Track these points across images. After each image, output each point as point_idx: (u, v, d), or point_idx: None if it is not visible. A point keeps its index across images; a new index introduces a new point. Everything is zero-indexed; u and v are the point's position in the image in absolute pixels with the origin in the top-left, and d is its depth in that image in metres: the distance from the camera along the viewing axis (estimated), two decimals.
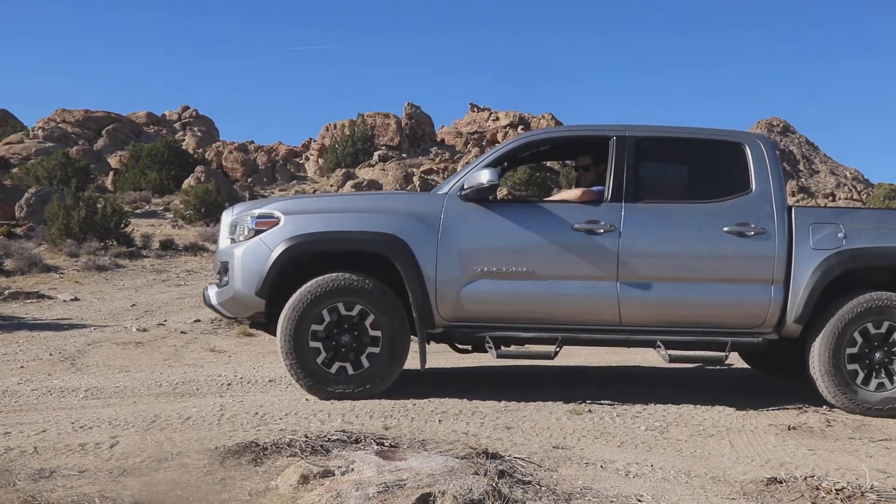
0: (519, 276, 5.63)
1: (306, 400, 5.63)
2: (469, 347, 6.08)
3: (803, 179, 49.15)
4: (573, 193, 6.04)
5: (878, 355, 5.66)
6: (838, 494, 3.59)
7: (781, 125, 55.66)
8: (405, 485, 3.36)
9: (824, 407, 5.74)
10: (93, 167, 38.17)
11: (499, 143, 47.82)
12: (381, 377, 5.58)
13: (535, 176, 32.35)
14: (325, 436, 4.30)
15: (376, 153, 42.98)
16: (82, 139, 46.96)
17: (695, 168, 6.23)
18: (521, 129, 48.77)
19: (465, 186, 5.68)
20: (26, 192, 25.33)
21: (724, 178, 6.05)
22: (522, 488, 3.51)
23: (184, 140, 47.61)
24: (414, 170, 39.80)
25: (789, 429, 5.14)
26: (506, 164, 6.62)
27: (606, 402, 5.76)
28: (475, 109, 52.61)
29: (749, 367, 8.04)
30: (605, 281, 5.67)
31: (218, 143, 46.18)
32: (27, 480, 3.66)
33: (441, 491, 3.26)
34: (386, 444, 4.21)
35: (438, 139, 49.17)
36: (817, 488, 3.68)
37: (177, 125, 53.49)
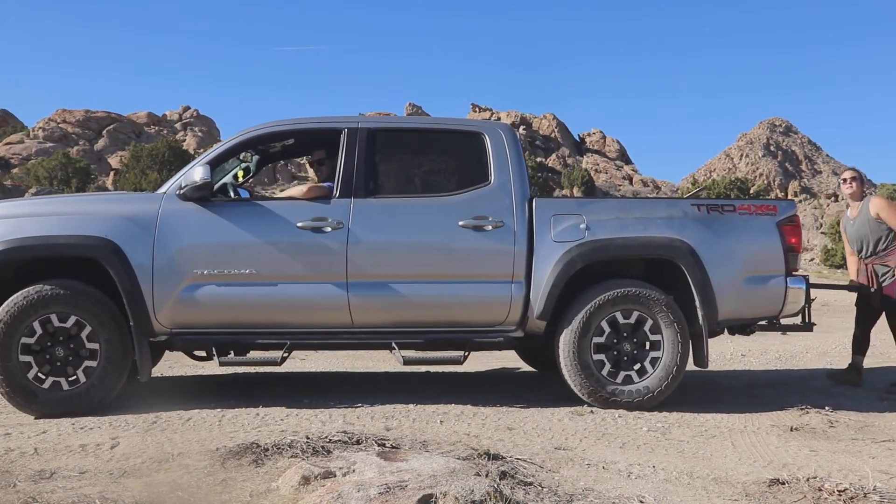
0: (242, 279, 5.30)
1: (307, 401, 5.63)
2: (206, 354, 5.69)
3: (805, 180, 49.15)
4: (299, 190, 5.69)
5: (626, 347, 5.51)
6: (841, 496, 3.57)
7: (784, 125, 55.65)
8: (406, 486, 3.35)
9: (826, 408, 5.73)
10: (93, 167, 38.22)
11: None
12: (99, 391, 5.19)
13: (536, 176, 32.35)
14: (326, 437, 4.29)
15: None
16: (83, 139, 47.02)
17: (432, 161, 6.05)
18: (523, 129, 48.78)
19: (183, 185, 5.34)
20: (27, 193, 25.38)
21: (463, 171, 5.85)
22: (524, 489, 3.50)
23: (184, 140, 47.65)
24: None
25: (792, 430, 5.12)
26: (254, 158, 6.41)
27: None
28: (477, 109, 52.67)
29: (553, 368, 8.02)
30: (333, 281, 5.36)
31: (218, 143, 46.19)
32: (28, 481, 3.65)
33: (442, 492, 3.25)
34: (387, 444, 4.20)
35: None
36: (820, 489, 3.67)
37: (177, 125, 53.56)
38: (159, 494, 3.54)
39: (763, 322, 6.06)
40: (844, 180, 7.13)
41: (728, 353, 10.28)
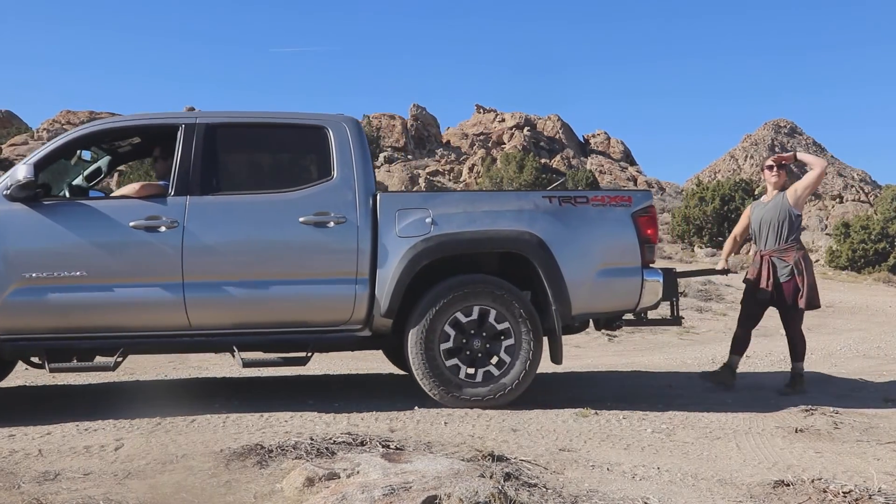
0: (74, 282, 5.06)
1: (311, 402, 5.63)
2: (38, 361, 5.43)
3: None
4: (132, 188, 5.43)
5: (476, 343, 5.40)
6: (846, 497, 3.56)
7: (788, 126, 55.56)
8: (411, 487, 3.35)
9: (832, 409, 5.71)
10: None
11: (504, 144, 47.94)
12: None
13: (541, 177, 32.34)
14: (330, 438, 4.29)
15: (382, 154, 43.02)
16: None
17: (275, 156, 5.87)
18: (527, 130, 48.77)
19: (9, 185, 5.09)
20: None
21: (306, 166, 5.72)
22: (528, 491, 3.50)
23: None
24: (420, 171, 39.82)
25: (796, 431, 5.11)
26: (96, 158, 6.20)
27: (612, 404, 5.74)
28: (481, 111, 52.62)
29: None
30: (168, 282, 5.15)
31: None
32: (32, 483, 3.66)
33: (447, 493, 3.25)
34: (391, 446, 4.20)
35: (444, 140, 49.18)
36: (825, 491, 3.66)
37: None
38: (163, 496, 3.54)
39: (630, 316, 6.00)
40: (770, 167, 6.85)
41: None
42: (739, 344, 6.95)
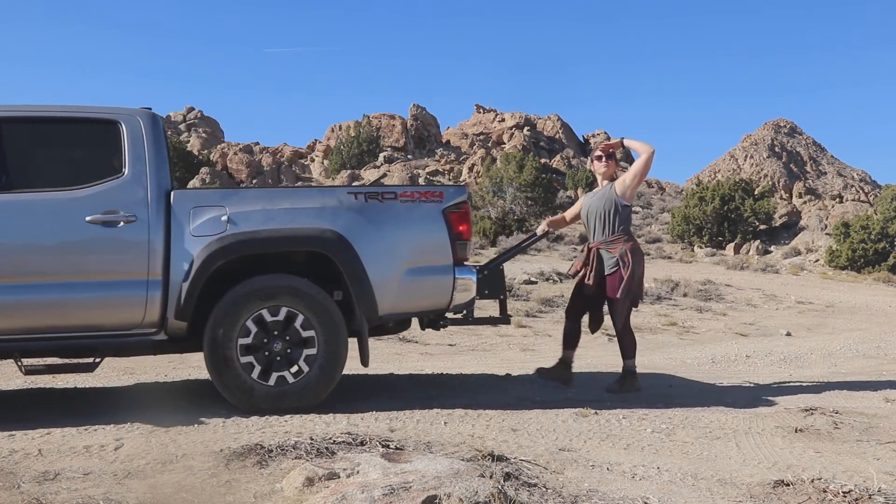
0: None
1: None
2: None
3: (810, 181, 49.04)
4: None
5: (277, 346, 5.14)
6: (846, 497, 3.56)
7: (788, 126, 55.54)
8: (410, 487, 3.35)
9: (832, 409, 5.72)
10: None
11: (504, 143, 47.90)
12: None
13: (540, 177, 32.33)
14: (330, 438, 4.29)
15: (382, 154, 43.05)
16: None
17: (63, 152, 5.58)
18: (527, 130, 48.78)
19: None
20: None
21: (96, 162, 5.38)
22: (528, 491, 3.50)
23: (189, 141, 47.70)
24: (419, 171, 39.83)
25: (796, 431, 5.11)
26: None
27: (612, 404, 5.74)
28: (481, 110, 52.65)
29: None
30: None
31: (223, 145, 46.28)
32: (32, 483, 3.66)
33: (447, 493, 3.25)
34: (391, 446, 4.20)
35: (444, 140, 49.20)
36: (825, 491, 3.66)
37: (181, 126, 53.59)
38: (163, 496, 3.54)
39: (456, 315, 5.86)
40: (599, 157, 6.65)
41: (732, 355, 10.27)
42: (570, 338, 6.73)
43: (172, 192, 5.24)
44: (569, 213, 7.02)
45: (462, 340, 11.13)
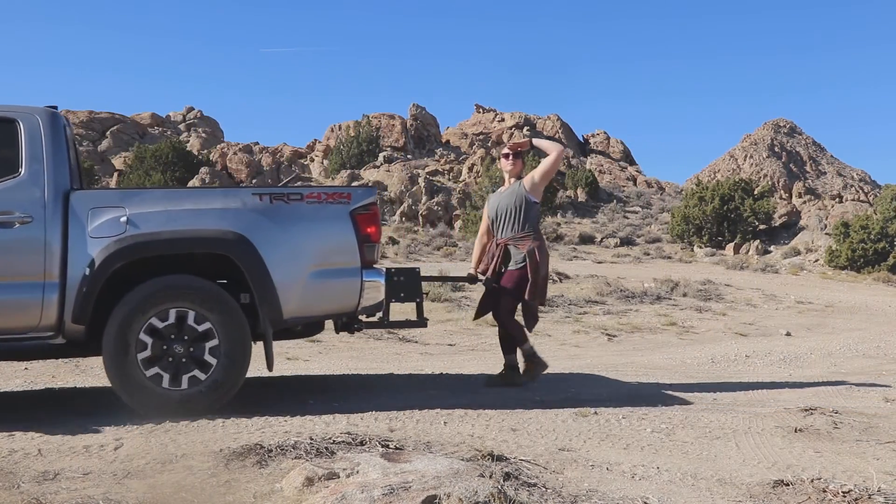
0: None
1: (311, 402, 5.63)
2: None
3: (810, 181, 49.05)
4: None
5: (178, 349, 4.99)
6: (845, 497, 3.56)
7: (788, 126, 55.54)
8: (410, 487, 3.35)
9: (831, 409, 5.72)
10: (97, 168, 38.27)
11: (504, 143, 47.95)
12: None
13: None
14: (329, 438, 4.29)
15: (381, 154, 43.04)
16: (86, 140, 47.07)
17: None
18: (527, 129, 48.77)
19: None
20: None
21: None
22: (528, 490, 3.50)
23: (188, 141, 47.72)
24: (419, 171, 39.83)
25: (796, 431, 5.11)
26: None
27: (612, 403, 5.74)
28: (481, 110, 52.66)
29: None
30: None
31: (223, 144, 46.28)
32: (31, 482, 3.66)
33: (446, 493, 3.25)
34: (391, 446, 4.20)
35: (444, 140, 49.21)
36: (824, 491, 3.66)
37: (181, 126, 53.61)
38: (163, 496, 3.54)
39: (371, 318, 5.78)
40: (506, 155, 6.60)
41: (732, 354, 10.28)
42: (508, 341, 6.66)
43: (71, 193, 5.13)
44: (482, 230, 6.86)
45: (462, 340, 11.13)
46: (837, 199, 41.33)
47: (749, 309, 16.23)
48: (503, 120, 50.84)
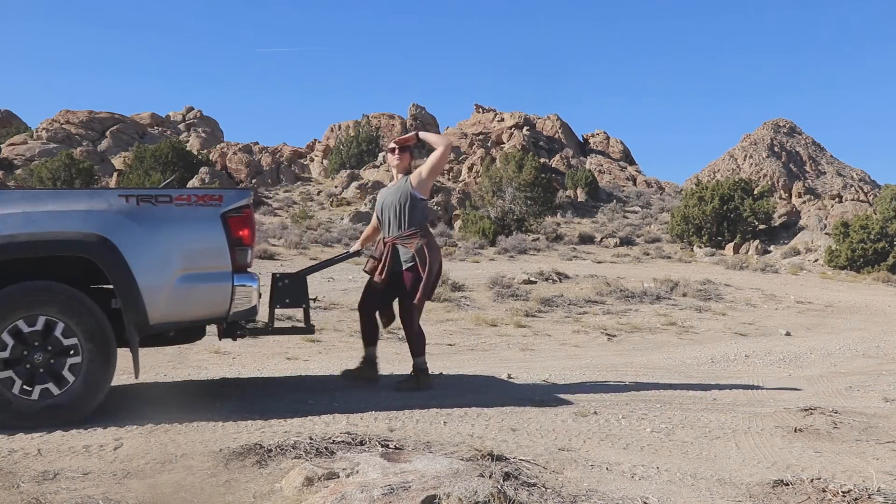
0: None
1: (311, 402, 5.63)
2: None
3: (810, 180, 49.06)
4: None
5: (38, 357, 4.73)
6: (845, 497, 3.56)
7: (788, 126, 55.55)
8: (410, 487, 3.35)
9: (831, 409, 5.72)
10: (97, 168, 38.29)
11: (503, 143, 47.93)
12: None
13: (540, 177, 32.32)
14: (329, 438, 4.29)
15: (381, 154, 43.04)
16: (86, 140, 47.09)
17: None
18: (527, 129, 48.77)
19: None
20: None
21: None
22: (528, 490, 3.50)
23: (188, 141, 47.74)
24: None
25: (796, 431, 5.11)
26: None
27: (611, 403, 5.74)
28: (480, 110, 52.68)
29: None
30: None
31: (222, 144, 46.30)
32: (31, 482, 3.65)
33: (446, 493, 3.25)
34: (391, 445, 4.20)
35: None
36: (824, 490, 3.66)
37: (181, 126, 53.64)
38: (163, 495, 3.54)
39: (256, 324, 5.63)
40: (393, 150, 6.42)
41: (732, 354, 10.27)
42: (369, 335, 6.48)
43: None
44: (374, 220, 6.68)
45: (462, 340, 11.13)
46: (837, 199, 41.33)
47: (749, 309, 16.23)
48: (503, 120, 50.84)
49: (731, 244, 30.68)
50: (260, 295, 5.53)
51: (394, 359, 8.79)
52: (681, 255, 28.94)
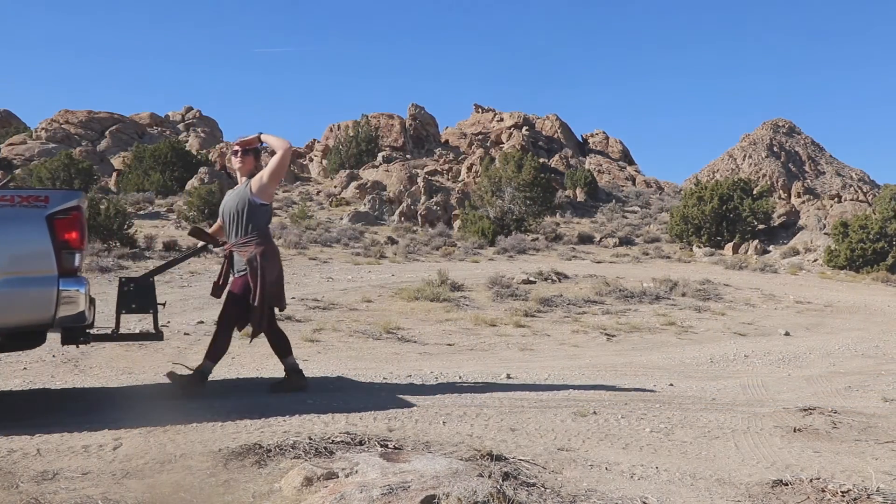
0: None
1: (310, 402, 5.63)
2: None
3: (809, 180, 49.05)
4: None
5: None
6: (844, 497, 3.57)
7: (787, 126, 55.53)
8: (409, 487, 3.35)
9: (830, 409, 5.72)
10: (96, 168, 38.25)
11: (503, 143, 47.93)
12: None
13: (539, 177, 32.32)
14: (328, 437, 4.29)
15: (380, 154, 43.05)
16: (85, 140, 47.07)
17: None
18: (526, 129, 48.75)
19: None
20: None
21: None
22: (527, 490, 3.50)
23: (187, 141, 47.70)
24: (418, 171, 39.82)
25: (795, 430, 5.11)
26: None
27: (611, 403, 5.74)
28: (480, 110, 52.65)
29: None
30: None
31: (221, 144, 46.27)
32: (30, 482, 3.65)
33: (445, 493, 3.25)
34: (390, 445, 4.19)
35: (443, 140, 49.20)
36: (823, 490, 3.66)
37: (180, 126, 53.61)
38: (162, 495, 3.54)
39: (99, 331, 5.46)
40: (235, 153, 6.19)
41: (731, 354, 10.27)
42: (280, 344, 6.33)
43: None
44: (219, 220, 6.43)
45: (461, 340, 11.12)
46: (836, 199, 41.33)
47: (748, 309, 16.22)
48: (502, 120, 50.81)
49: (731, 244, 30.67)
50: (91, 300, 5.31)
51: (391, 359, 8.80)
52: (680, 255, 28.93)
